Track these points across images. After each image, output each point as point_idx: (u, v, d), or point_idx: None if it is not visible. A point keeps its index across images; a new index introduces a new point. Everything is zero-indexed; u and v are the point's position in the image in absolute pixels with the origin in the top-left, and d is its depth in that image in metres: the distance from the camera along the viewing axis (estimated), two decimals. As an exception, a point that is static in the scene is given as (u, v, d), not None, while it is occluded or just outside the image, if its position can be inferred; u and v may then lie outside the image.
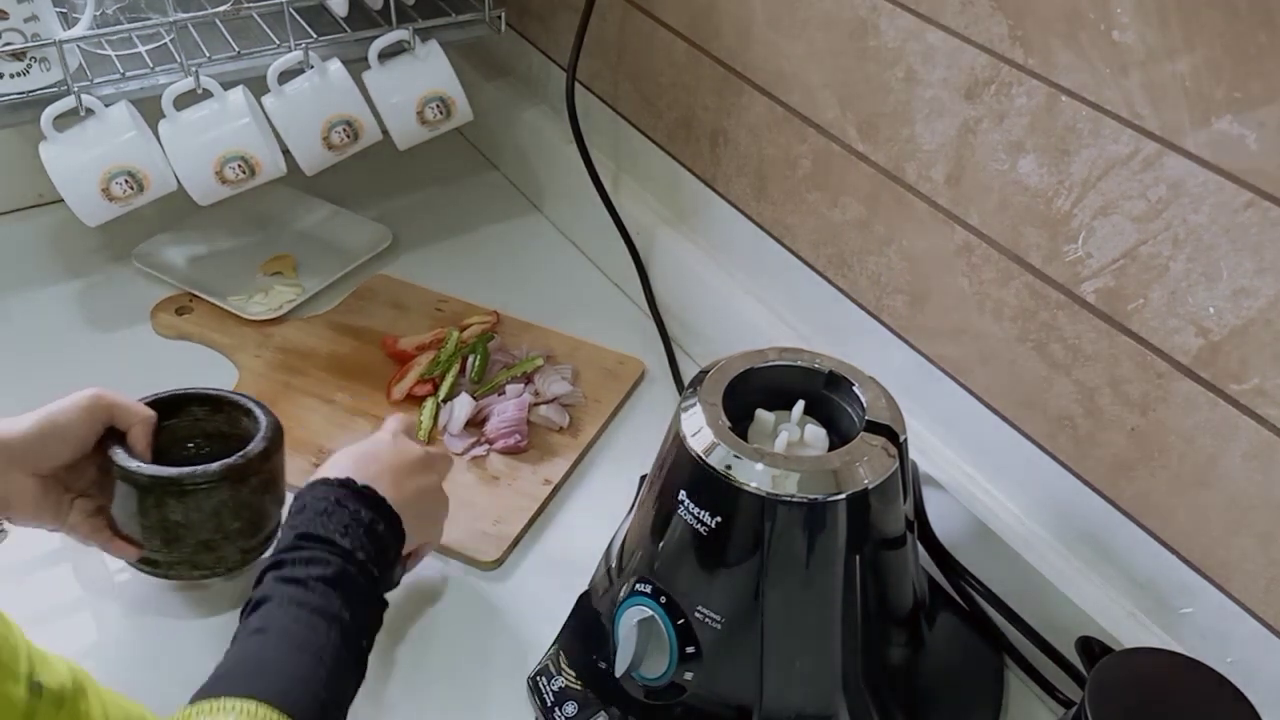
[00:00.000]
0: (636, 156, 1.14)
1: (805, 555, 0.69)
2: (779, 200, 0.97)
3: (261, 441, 0.79)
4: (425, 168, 1.33)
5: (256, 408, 0.83)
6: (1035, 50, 0.71)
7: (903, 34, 0.79)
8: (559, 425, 1.00)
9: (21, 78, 0.96)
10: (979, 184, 0.77)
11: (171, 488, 0.76)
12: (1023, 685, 0.81)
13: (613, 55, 1.13)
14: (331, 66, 1.05)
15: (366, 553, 0.69)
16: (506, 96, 1.31)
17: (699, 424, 0.70)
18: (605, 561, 0.80)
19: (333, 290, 1.15)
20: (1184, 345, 0.68)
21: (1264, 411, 0.65)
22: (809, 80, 0.89)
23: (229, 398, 0.85)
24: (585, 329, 1.12)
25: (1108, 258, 0.70)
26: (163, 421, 0.82)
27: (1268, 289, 0.63)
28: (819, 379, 0.76)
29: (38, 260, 1.18)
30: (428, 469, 0.80)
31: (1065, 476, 0.79)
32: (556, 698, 0.77)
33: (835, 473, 0.68)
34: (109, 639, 0.84)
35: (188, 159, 1.02)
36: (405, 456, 0.78)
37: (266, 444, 0.79)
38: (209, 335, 1.09)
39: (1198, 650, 0.72)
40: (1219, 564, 0.71)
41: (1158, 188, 0.66)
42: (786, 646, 0.71)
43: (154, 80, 1.02)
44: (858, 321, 0.92)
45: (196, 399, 0.85)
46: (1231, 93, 0.61)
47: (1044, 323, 0.76)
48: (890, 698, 0.74)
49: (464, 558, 0.89)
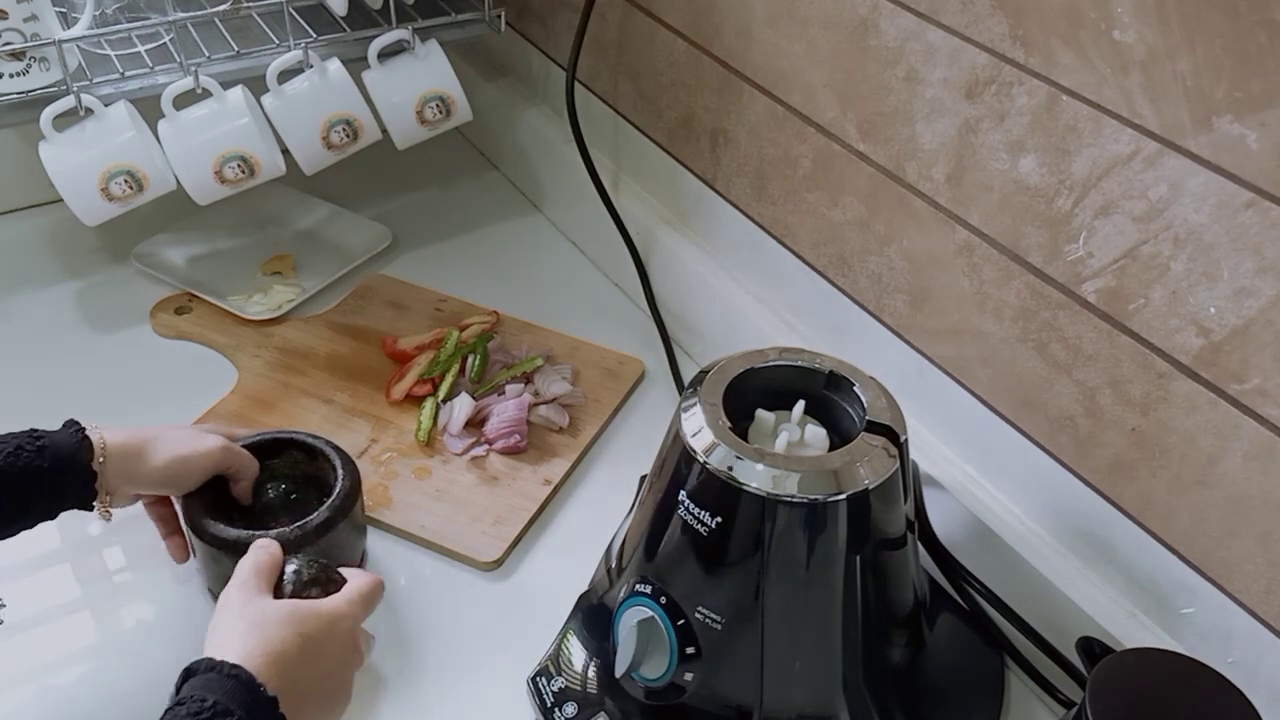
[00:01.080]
0: (636, 156, 1.14)
1: (806, 556, 0.69)
2: (779, 200, 0.97)
3: (325, 511, 0.81)
4: (425, 168, 1.33)
5: (340, 467, 0.84)
6: (1036, 50, 0.71)
7: (903, 33, 0.79)
8: (559, 425, 1.00)
9: (21, 77, 0.96)
10: (980, 184, 0.77)
11: (241, 548, 0.74)
12: (1023, 685, 0.81)
13: (613, 55, 1.13)
14: (331, 66, 1.05)
15: None
16: (506, 96, 1.31)
17: (699, 424, 0.70)
18: (605, 561, 0.80)
19: (332, 290, 1.15)
20: (1185, 345, 0.68)
21: (1265, 411, 0.65)
22: (809, 80, 0.89)
23: (323, 449, 0.86)
24: (585, 329, 1.12)
25: (1108, 257, 0.70)
26: (264, 460, 0.86)
27: (1268, 289, 0.62)
28: (819, 379, 0.76)
29: (38, 260, 1.18)
30: (349, 673, 0.69)
31: (1066, 476, 0.78)
32: (556, 698, 0.77)
33: (836, 473, 0.68)
34: (109, 639, 0.84)
35: (187, 158, 1.02)
36: (345, 658, 0.68)
37: (329, 514, 0.80)
38: (208, 335, 1.09)
39: (1198, 650, 0.72)
40: (1219, 564, 0.70)
41: (1158, 187, 0.66)
42: (787, 647, 0.71)
43: (153, 80, 1.02)
44: (858, 321, 0.92)
45: (298, 445, 0.87)
46: (1232, 92, 0.61)
47: (1045, 322, 0.76)
48: (891, 698, 0.74)
49: (464, 558, 0.89)
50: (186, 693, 0.59)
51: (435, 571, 0.89)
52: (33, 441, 0.73)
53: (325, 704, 0.67)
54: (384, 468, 0.96)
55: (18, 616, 0.84)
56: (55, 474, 0.73)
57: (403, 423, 1.00)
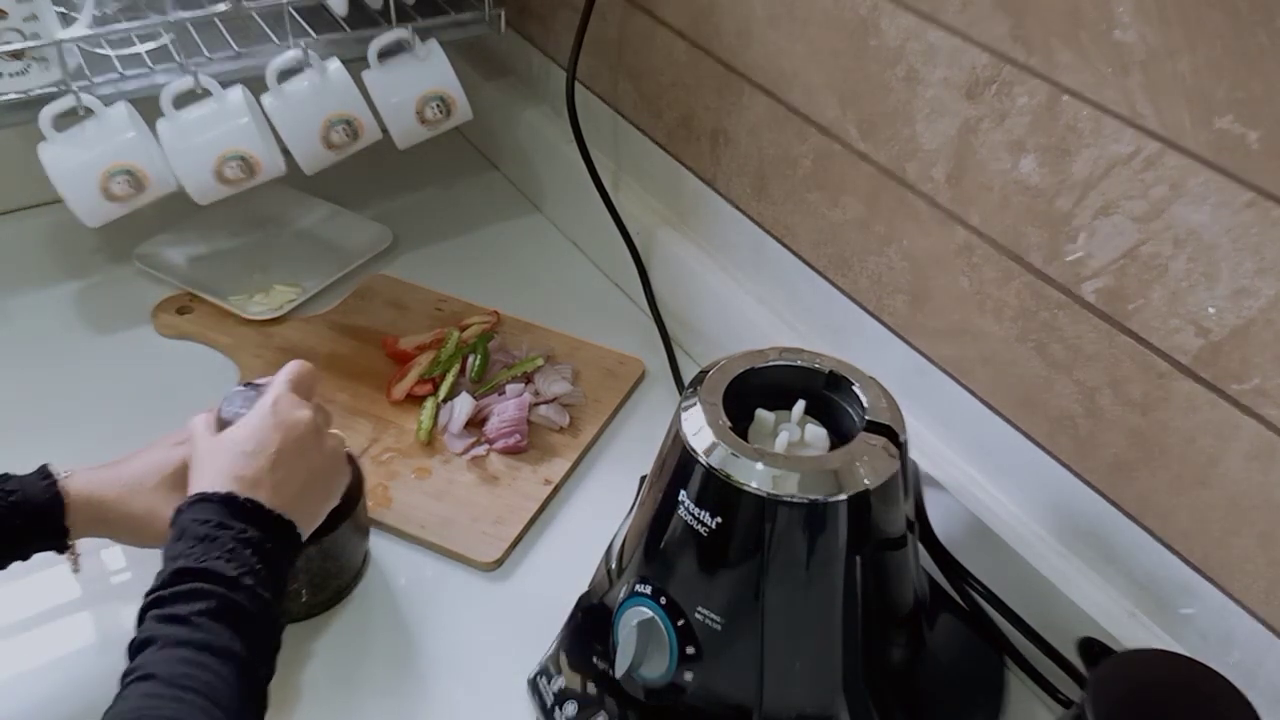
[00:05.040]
0: (636, 156, 1.14)
1: (806, 556, 0.69)
2: (779, 200, 0.97)
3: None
4: (425, 168, 1.33)
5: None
6: (1036, 49, 0.70)
7: (903, 33, 0.79)
8: (559, 425, 1.00)
9: (20, 77, 0.96)
10: (980, 184, 0.77)
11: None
12: (1023, 685, 0.81)
13: (613, 55, 1.13)
14: (331, 66, 1.05)
15: (256, 576, 0.64)
16: (506, 96, 1.31)
17: (699, 424, 0.70)
18: (605, 562, 0.80)
19: (333, 290, 1.15)
20: (1184, 345, 0.68)
21: (1265, 411, 0.65)
22: (809, 80, 0.89)
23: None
24: (585, 329, 1.12)
25: (1108, 257, 0.70)
26: None
27: (1268, 289, 0.62)
28: (819, 379, 0.76)
29: (38, 260, 1.18)
30: (316, 438, 0.75)
31: (1066, 476, 0.78)
32: (556, 698, 0.77)
33: (836, 473, 0.68)
34: (109, 638, 0.84)
35: (187, 158, 1.01)
36: (290, 435, 0.72)
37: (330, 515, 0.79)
38: (209, 335, 1.09)
39: (1198, 650, 0.72)
40: (1220, 564, 0.70)
41: (1159, 187, 0.66)
42: (787, 647, 0.71)
43: (153, 80, 1.02)
44: (858, 321, 0.92)
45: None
46: (1232, 92, 0.61)
47: (1044, 322, 0.76)
48: (891, 698, 0.74)
49: (464, 558, 0.89)
50: (172, 536, 0.66)
51: (435, 571, 0.89)
52: (4, 496, 0.72)
53: (304, 475, 0.72)
54: (384, 468, 0.96)
55: (17, 616, 0.84)
56: (26, 528, 0.73)
57: (403, 423, 1.00)
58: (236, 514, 0.67)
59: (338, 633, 0.84)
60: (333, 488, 0.78)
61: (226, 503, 0.67)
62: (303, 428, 0.74)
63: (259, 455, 0.70)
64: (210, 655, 0.59)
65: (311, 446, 0.74)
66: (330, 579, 0.84)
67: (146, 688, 0.57)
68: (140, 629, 0.61)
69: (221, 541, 0.65)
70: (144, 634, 0.60)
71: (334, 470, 0.78)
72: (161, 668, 0.58)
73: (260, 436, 0.72)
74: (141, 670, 0.58)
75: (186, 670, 0.58)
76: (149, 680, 0.57)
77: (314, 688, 0.80)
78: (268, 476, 0.70)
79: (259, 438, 0.71)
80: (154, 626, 0.60)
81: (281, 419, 0.73)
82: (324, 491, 0.77)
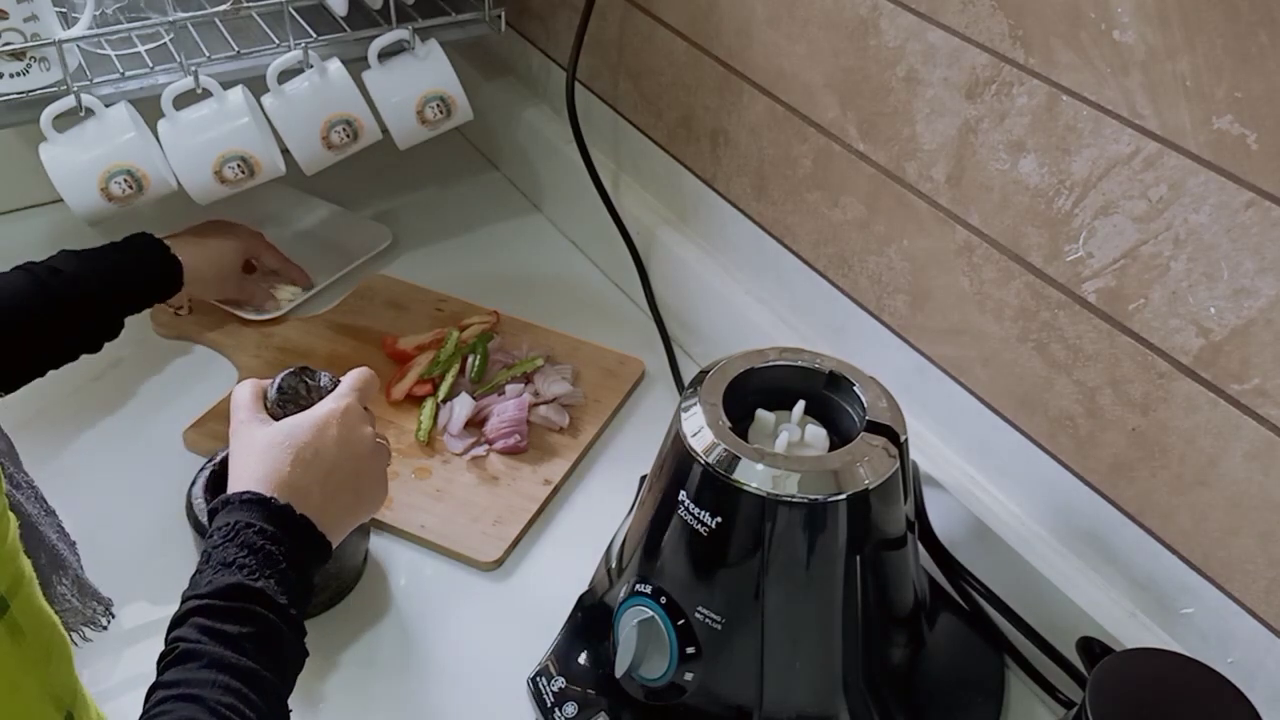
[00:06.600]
0: (636, 156, 1.14)
1: (806, 556, 0.69)
2: (779, 200, 0.97)
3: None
4: (425, 168, 1.33)
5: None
6: (1036, 50, 0.71)
7: (903, 33, 0.79)
8: (559, 425, 1.00)
9: (21, 77, 0.96)
10: (980, 184, 0.77)
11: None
12: (1023, 685, 0.81)
13: (613, 55, 1.13)
14: (331, 66, 1.05)
15: (299, 606, 0.65)
16: (506, 96, 1.31)
17: (699, 424, 0.70)
18: (605, 561, 0.80)
19: (332, 290, 1.15)
20: (1185, 345, 0.68)
21: (1265, 411, 0.65)
22: (809, 80, 0.89)
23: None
24: (585, 329, 1.12)
25: (1108, 257, 0.70)
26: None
27: (1268, 289, 0.62)
28: (819, 379, 0.76)
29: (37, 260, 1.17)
30: (372, 460, 0.74)
31: (1066, 476, 0.78)
32: (556, 698, 0.77)
33: (836, 473, 0.68)
34: (109, 639, 0.84)
35: (187, 158, 1.01)
36: (349, 452, 0.72)
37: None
38: (209, 335, 1.09)
39: (1198, 650, 0.72)
40: (1219, 564, 0.70)
41: (1158, 187, 0.66)
42: (787, 647, 0.71)
43: (153, 80, 1.02)
44: (858, 321, 0.92)
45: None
46: (1232, 92, 0.61)
47: (1045, 323, 0.76)
48: (891, 698, 0.74)
49: (464, 558, 0.89)
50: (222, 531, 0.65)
51: (435, 571, 0.89)
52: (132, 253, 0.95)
53: (351, 496, 0.72)
54: (384, 468, 0.96)
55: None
56: (147, 285, 0.95)
57: (403, 423, 1.00)
58: (289, 529, 0.66)
59: (338, 632, 0.84)
60: (370, 511, 0.77)
61: (284, 514, 0.66)
62: (363, 447, 0.73)
63: (314, 466, 0.70)
64: (253, 688, 0.59)
65: (365, 471, 0.74)
66: (330, 579, 0.84)
67: (189, 711, 0.57)
68: (185, 628, 0.61)
69: (274, 559, 0.64)
70: (191, 641, 0.60)
71: (377, 494, 0.77)
72: (207, 692, 0.57)
73: (320, 445, 0.71)
74: (186, 688, 0.58)
75: (231, 701, 0.58)
76: (193, 703, 0.57)
77: (314, 688, 0.80)
78: (318, 489, 0.69)
79: (317, 446, 0.71)
80: (203, 640, 0.60)
81: (346, 435, 0.72)
82: (363, 513, 0.76)
